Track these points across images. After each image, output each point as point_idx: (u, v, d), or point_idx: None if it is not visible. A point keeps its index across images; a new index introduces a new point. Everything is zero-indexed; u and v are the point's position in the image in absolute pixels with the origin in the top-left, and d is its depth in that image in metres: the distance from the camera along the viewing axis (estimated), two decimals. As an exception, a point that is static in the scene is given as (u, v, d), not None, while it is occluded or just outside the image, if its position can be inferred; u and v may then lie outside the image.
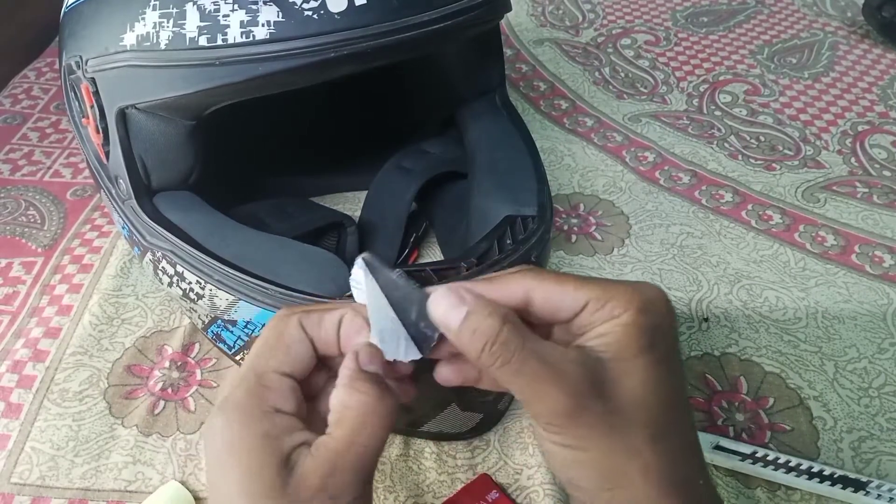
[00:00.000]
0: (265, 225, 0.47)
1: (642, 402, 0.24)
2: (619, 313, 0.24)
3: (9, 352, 0.47)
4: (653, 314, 0.24)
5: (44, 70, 0.77)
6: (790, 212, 0.58)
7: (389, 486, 0.40)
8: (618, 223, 0.57)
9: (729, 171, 0.63)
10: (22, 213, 0.59)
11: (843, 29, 0.84)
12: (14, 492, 0.40)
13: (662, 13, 0.89)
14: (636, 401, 0.23)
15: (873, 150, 0.65)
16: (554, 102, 0.72)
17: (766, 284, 0.52)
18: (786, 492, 0.40)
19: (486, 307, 0.24)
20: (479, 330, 0.23)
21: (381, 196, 0.54)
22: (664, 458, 0.24)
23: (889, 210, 0.59)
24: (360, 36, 0.33)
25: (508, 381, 0.24)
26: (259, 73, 0.34)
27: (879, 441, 0.42)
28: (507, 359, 0.23)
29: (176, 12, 0.34)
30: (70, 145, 0.66)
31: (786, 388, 0.45)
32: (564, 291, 0.25)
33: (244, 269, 0.37)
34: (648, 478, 0.23)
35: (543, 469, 0.40)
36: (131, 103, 0.38)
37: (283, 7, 0.33)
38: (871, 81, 0.75)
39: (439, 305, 0.24)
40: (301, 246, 0.40)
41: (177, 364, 0.47)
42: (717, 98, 0.73)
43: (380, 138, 0.57)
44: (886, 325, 0.49)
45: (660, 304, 0.25)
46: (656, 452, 0.23)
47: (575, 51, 0.81)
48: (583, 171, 0.63)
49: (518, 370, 0.23)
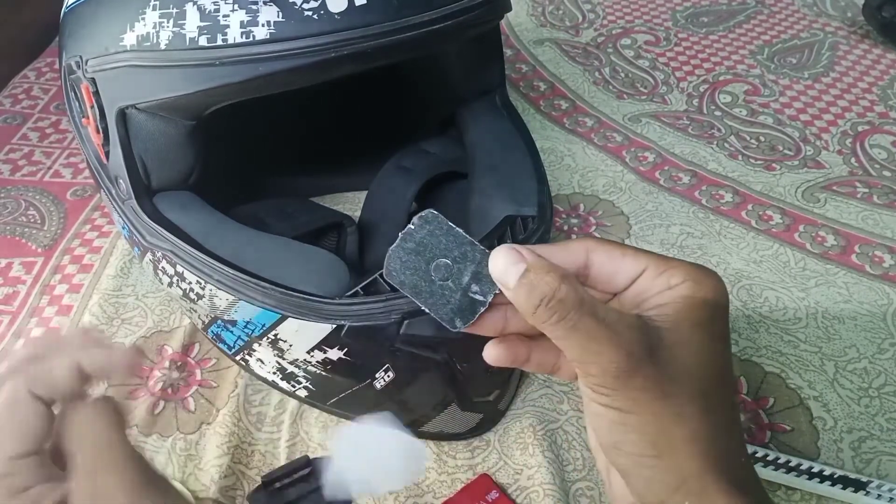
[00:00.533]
0: (265, 225, 0.47)
1: (696, 373, 0.24)
2: (676, 283, 0.24)
3: (9, 352, 0.47)
4: (712, 290, 0.24)
5: (44, 70, 0.77)
6: (790, 212, 0.58)
7: (389, 486, 0.40)
8: (618, 223, 0.57)
9: (729, 171, 0.63)
10: (22, 213, 0.59)
11: (843, 29, 0.84)
12: (14, 492, 0.40)
13: (662, 13, 0.89)
14: (690, 371, 0.24)
15: (873, 151, 0.65)
16: (554, 102, 0.72)
17: (766, 284, 0.52)
18: (786, 492, 0.40)
19: (545, 264, 0.24)
20: (537, 286, 0.24)
21: (381, 196, 0.54)
22: (711, 430, 0.24)
23: (889, 210, 0.59)
24: (361, 36, 0.33)
25: (563, 338, 0.24)
26: (259, 73, 0.34)
27: (879, 441, 0.42)
28: (563, 314, 0.23)
29: (176, 12, 0.34)
30: (70, 145, 0.66)
31: (786, 388, 0.45)
32: (624, 256, 0.25)
33: (244, 269, 0.37)
34: (694, 448, 0.23)
35: (544, 469, 0.40)
36: (131, 103, 0.38)
37: (283, 7, 0.33)
38: (871, 81, 0.75)
39: (499, 261, 0.25)
40: (301, 246, 0.40)
41: (177, 364, 0.47)
42: (717, 98, 0.73)
43: (380, 138, 0.57)
44: (886, 325, 0.49)
45: (717, 283, 0.25)
46: (704, 423, 0.24)
47: (575, 51, 0.81)
48: (583, 171, 0.63)
49: (574, 326, 0.23)
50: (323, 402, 0.42)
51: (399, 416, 0.41)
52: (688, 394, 0.24)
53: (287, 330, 0.37)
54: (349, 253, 0.51)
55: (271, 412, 0.44)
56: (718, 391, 0.24)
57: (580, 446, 0.42)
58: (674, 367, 0.24)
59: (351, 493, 0.28)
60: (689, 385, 0.24)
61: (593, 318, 0.23)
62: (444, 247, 0.27)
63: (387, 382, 0.37)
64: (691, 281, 0.24)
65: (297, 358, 0.39)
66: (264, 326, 0.38)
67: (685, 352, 0.24)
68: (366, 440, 0.28)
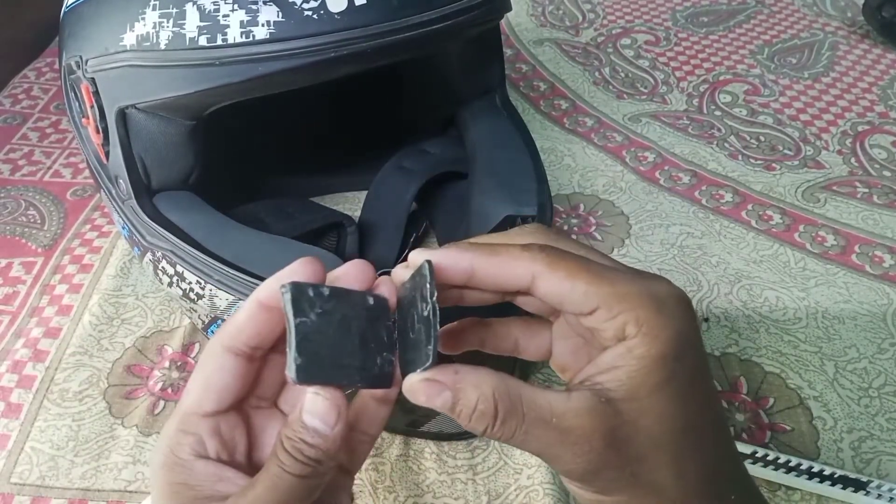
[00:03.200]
0: (265, 225, 0.47)
1: (662, 441, 0.22)
2: (630, 335, 0.21)
3: (9, 352, 0.47)
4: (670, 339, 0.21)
5: (44, 70, 0.77)
6: (790, 212, 0.58)
7: (389, 486, 0.40)
8: (618, 223, 0.57)
9: (729, 171, 0.63)
10: (22, 213, 0.59)
11: (843, 29, 0.84)
12: (14, 492, 0.40)
13: (662, 13, 0.89)
14: (656, 441, 0.22)
15: (873, 150, 0.65)
16: (554, 102, 0.72)
17: (766, 284, 0.52)
18: (786, 492, 0.40)
19: (470, 391, 0.21)
20: (473, 415, 0.22)
21: (381, 196, 0.54)
22: (690, 489, 0.22)
23: (889, 210, 0.59)
24: (360, 36, 0.33)
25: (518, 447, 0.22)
26: (259, 73, 0.34)
27: (879, 441, 0.42)
28: (509, 436, 0.22)
29: (176, 12, 0.34)
30: (70, 145, 0.66)
31: (786, 388, 0.45)
32: (574, 291, 0.22)
33: (244, 269, 0.37)
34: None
35: (544, 468, 0.40)
36: (131, 103, 0.38)
37: (282, 7, 0.33)
38: (871, 81, 0.75)
39: (419, 397, 0.22)
40: (301, 246, 0.40)
41: (177, 364, 0.47)
42: (717, 98, 0.73)
43: (380, 138, 0.57)
44: (886, 325, 0.49)
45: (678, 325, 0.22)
46: (681, 487, 0.22)
47: (575, 51, 0.81)
48: (583, 171, 0.63)
49: (524, 442, 0.22)
50: (323, 402, 0.42)
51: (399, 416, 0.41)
52: (659, 465, 0.22)
53: (287, 330, 0.37)
54: (349, 253, 0.51)
55: (271, 412, 0.44)
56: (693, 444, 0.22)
57: (580, 446, 0.42)
58: (638, 445, 0.22)
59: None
60: (657, 457, 0.22)
61: (542, 426, 0.21)
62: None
63: (387, 382, 0.37)
64: (646, 335, 0.21)
65: (297, 358, 0.39)
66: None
67: (647, 422, 0.22)
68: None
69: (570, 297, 0.22)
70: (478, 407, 0.21)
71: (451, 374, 0.22)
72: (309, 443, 0.22)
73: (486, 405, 0.21)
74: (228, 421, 0.25)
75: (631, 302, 0.22)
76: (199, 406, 0.25)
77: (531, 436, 0.21)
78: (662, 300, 0.22)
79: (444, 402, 0.22)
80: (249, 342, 0.25)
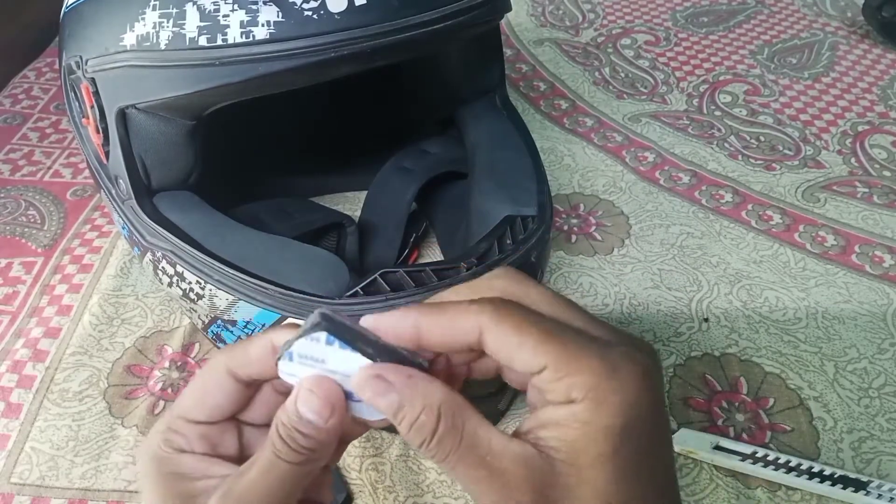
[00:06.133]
0: (265, 225, 0.47)
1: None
2: (576, 398, 0.20)
3: (9, 352, 0.47)
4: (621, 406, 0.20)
5: (44, 70, 0.77)
6: (790, 212, 0.58)
7: (389, 486, 0.40)
8: (618, 223, 0.57)
9: (729, 171, 0.63)
10: (22, 213, 0.59)
11: (843, 29, 0.84)
12: (14, 492, 0.40)
13: (662, 13, 0.89)
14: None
15: (873, 150, 0.65)
16: (554, 102, 0.72)
17: (766, 284, 0.52)
18: (786, 492, 0.40)
19: (417, 399, 0.21)
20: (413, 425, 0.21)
21: (381, 196, 0.54)
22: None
23: (889, 210, 0.59)
24: (360, 36, 0.33)
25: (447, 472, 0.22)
26: (259, 73, 0.34)
27: (880, 441, 0.42)
28: (442, 457, 0.21)
29: (176, 12, 0.34)
30: (70, 145, 0.66)
31: (786, 388, 0.45)
32: (521, 348, 0.21)
33: (244, 269, 0.37)
34: None
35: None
36: (131, 103, 0.38)
37: (283, 7, 0.33)
38: (871, 81, 0.75)
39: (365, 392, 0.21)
40: (301, 246, 0.40)
41: (177, 364, 0.47)
42: (717, 98, 0.73)
43: (380, 138, 0.57)
44: (886, 326, 0.49)
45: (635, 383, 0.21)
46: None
47: (575, 51, 0.81)
48: (583, 171, 0.63)
49: (454, 468, 0.21)
50: (323, 402, 0.42)
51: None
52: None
53: (287, 330, 0.37)
54: (349, 253, 0.51)
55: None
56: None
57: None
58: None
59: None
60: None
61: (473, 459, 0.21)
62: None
63: (387, 382, 0.37)
64: (591, 400, 0.20)
65: (297, 358, 0.39)
66: (264, 326, 0.38)
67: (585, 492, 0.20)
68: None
69: (517, 353, 0.21)
70: (420, 418, 0.21)
71: (404, 377, 0.21)
72: (303, 433, 0.22)
73: (429, 418, 0.21)
74: (219, 427, 0.26)
75: (579, 364, 0.20)
76: (189, 414, 0.25)
77: (462, 464, 0.21)
78: (616, 366, 0.21)
79: (388, 405, 0.21)
80: (253, 375, 0.25)
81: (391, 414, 0.21)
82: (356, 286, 0.36)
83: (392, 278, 0.36)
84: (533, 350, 0.21)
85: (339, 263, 0.38)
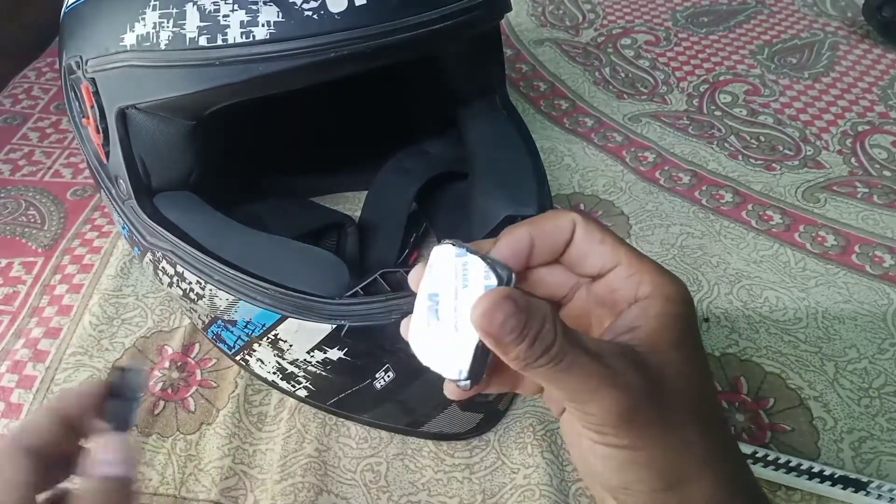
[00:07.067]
0: (265, 225, 0.47)
1: (688, 396, 0.23)
2: (644, 295, 0.24)
3: (9, 352, 0.47)
4: (680, 304, 0.24)
5: (44, 70, 0.77)
6: (790, 212, 0.58)
7: (384, 486, 0.40)
8: (618, 223, 0.57)
9: (729, 171, 0.63)
10: (22, 213, 0.59)
11: (843, 29, 0.84)
12: (14, 492, 0.40)
13: (662, 13, 0.89)
14: (682, 395, 0.23)
15: (873, 150, 0.65)
16: (554, 102, 0.72)
17: (766, 284, 0.52)
18: (786, 492, 0.40)
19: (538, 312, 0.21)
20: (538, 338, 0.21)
21: (381, 196, 0.54)
22: (716, 450, 0.23)
23: (889, 210, 0.59)
24: (360, 36, 0.33)
25: (555, 380, 0.22)
26: (259, 73, 0.34)
27: (880, 441, 0.42)
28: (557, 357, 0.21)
29: (176, 12, 0.34)
30: (70, 145, 0.66)
31: (786, 388, 0.45)
32: (602, 243, 0.25)
33: (244, 269, 0.37)
34: (704, 472, 0.23)
35: (542, 469, 0.40)
36: (131, 103, 0.38)
37: (283, 7, 0.33)
38: (871, 81, 0.75)
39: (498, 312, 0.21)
40: (301, 246, 0.40)
41: (177, 364, 0.47)
42: (717, 98, 0.73)
43: (380, 138, 0.57)
44: (886, 326, 0.49)
45: (685, 295, 0.24)
46: (708, 446, 0.23)
47: (575, 51, 0.81)
48: (583, 171, 0.63)
49: (567, 369, 0.21)
50: (323, 402, 0.42)
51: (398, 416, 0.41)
52: (687, 419, 0.23)
53: (287, 330, 0.37)
54: (349, 253, 0.51)
55: (271, 412, 0.44)
56: (711, 409, 0.24)
57: (580, 446, 0.42)
58: (667, 391, 0.22)
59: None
60: (685, 410, 0.23)
61: (587, 356, 0.21)
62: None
63: (387, 382, 0.37)
64: (660, 295, 0.23)
65: (297, 358, 0.39)
66: (264, 326, 0.38)
67: (672, 374, 0.23)
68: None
69: (598, 249, 0.25)
70: (545, 327, 0.21)
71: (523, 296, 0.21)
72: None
73: (548, 328, 0.21)
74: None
75: (646, 265, 0.24)
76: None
77: (576, 366, 0.21)
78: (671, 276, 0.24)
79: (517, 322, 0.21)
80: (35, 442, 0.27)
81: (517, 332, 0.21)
82: (356, 286, 0.36)
83: (392, 278, 0.36)
84: (612, 248, 0.25)
85: (339, 263, 0.38)
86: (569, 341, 0.21)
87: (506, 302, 0.21)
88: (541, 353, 0.21)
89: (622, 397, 0.21)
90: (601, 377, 0.21)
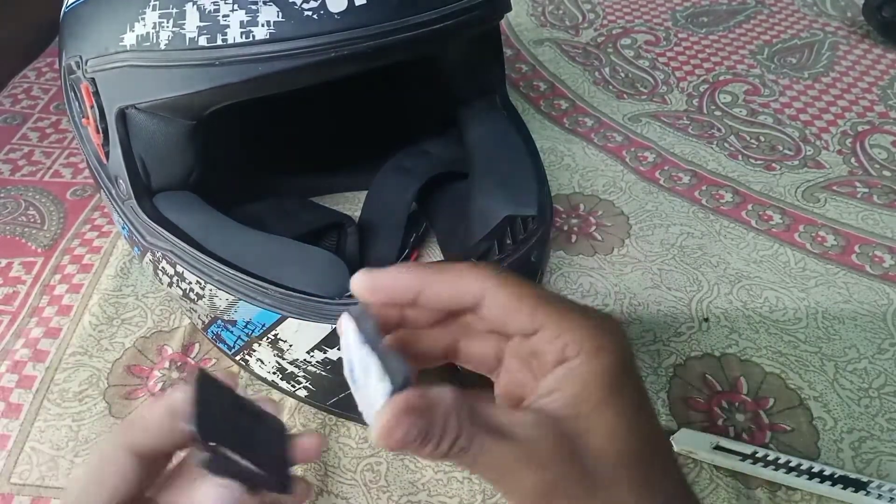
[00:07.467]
0: (265, 225, 0.47)
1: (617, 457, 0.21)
2: (571, 355, 0.22)
3: (9, 352, 0.47)
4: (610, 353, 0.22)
5: (44, 70, 0.77)
6: (790, 212, 0.58)
7: (383, 486, 0.40)
8: (618, 223, 0.57)
9: (729, 171, 0.63)
10: (22, 213, 0.59)
11: (843, 29, 0.84)
12: (14, 492, 0.40)
13: (662, 13, 0.89)
14: (610, 457, 0.21)
15: (873, 150, 0.65)
16: (554, 102, 0.72)
17: (766, 284, 0.52)
18: (786, 492, 0.40)
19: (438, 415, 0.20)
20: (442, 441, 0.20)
21: (381, 196, 0.54)
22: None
23: (889, 210, 0.59)
24: (360, 36, 0.33)
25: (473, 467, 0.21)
26: (259, 73, 0.34)
27: (880, 441, 0.42)
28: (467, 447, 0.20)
29: (176, 12, 0.34)
30: (70, 145, 0.66)
31: (786, 388, 0.45)
32: (519, 310, 0.23)
33: (244, 269, 0.37)
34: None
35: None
36: (131, 103, 0.38)
37: (282, 7, 0.33)
38: (871, 81, 0.75)
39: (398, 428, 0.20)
40: (301, 246, 0.40)
41: (177, 364, 0.47)
42: (717, 98, 0.73)
43: (380, 138, 0.57)
44: (886, 326, 0.49)
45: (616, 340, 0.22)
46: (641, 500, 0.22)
47: (575, 51, 0.81)
48: (583, 171, 0.63)
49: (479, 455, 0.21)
50: (323, 402, 0.42)
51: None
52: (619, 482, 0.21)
53: (287, 330, 0.37)
54: (349, 253, 0.51)
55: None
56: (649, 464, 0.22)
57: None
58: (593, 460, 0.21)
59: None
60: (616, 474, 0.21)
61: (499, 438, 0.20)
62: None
63: (387, 382, 0.37)
64: (585, 353, 0.22)
65: (297, 358, 0.39)
66: (264, 326, 0.38)
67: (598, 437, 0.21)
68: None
69: (515, 315, 0.23)
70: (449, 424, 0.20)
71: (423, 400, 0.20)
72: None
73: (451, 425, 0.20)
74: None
75: (572, 323, 0.22)
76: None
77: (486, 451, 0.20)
78: (600, 325, 0.23)
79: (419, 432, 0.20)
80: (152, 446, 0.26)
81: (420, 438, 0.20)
82: (356, 286, 0.36)
83: (392, 278, 0.36)
84: (530, 314, 0.22)
85: (339, 263, 0.39)
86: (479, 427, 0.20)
87: (403, 416, 0.20)
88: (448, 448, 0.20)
89: (539, 476, 0.21)
90: (516, 457, 0.21)
